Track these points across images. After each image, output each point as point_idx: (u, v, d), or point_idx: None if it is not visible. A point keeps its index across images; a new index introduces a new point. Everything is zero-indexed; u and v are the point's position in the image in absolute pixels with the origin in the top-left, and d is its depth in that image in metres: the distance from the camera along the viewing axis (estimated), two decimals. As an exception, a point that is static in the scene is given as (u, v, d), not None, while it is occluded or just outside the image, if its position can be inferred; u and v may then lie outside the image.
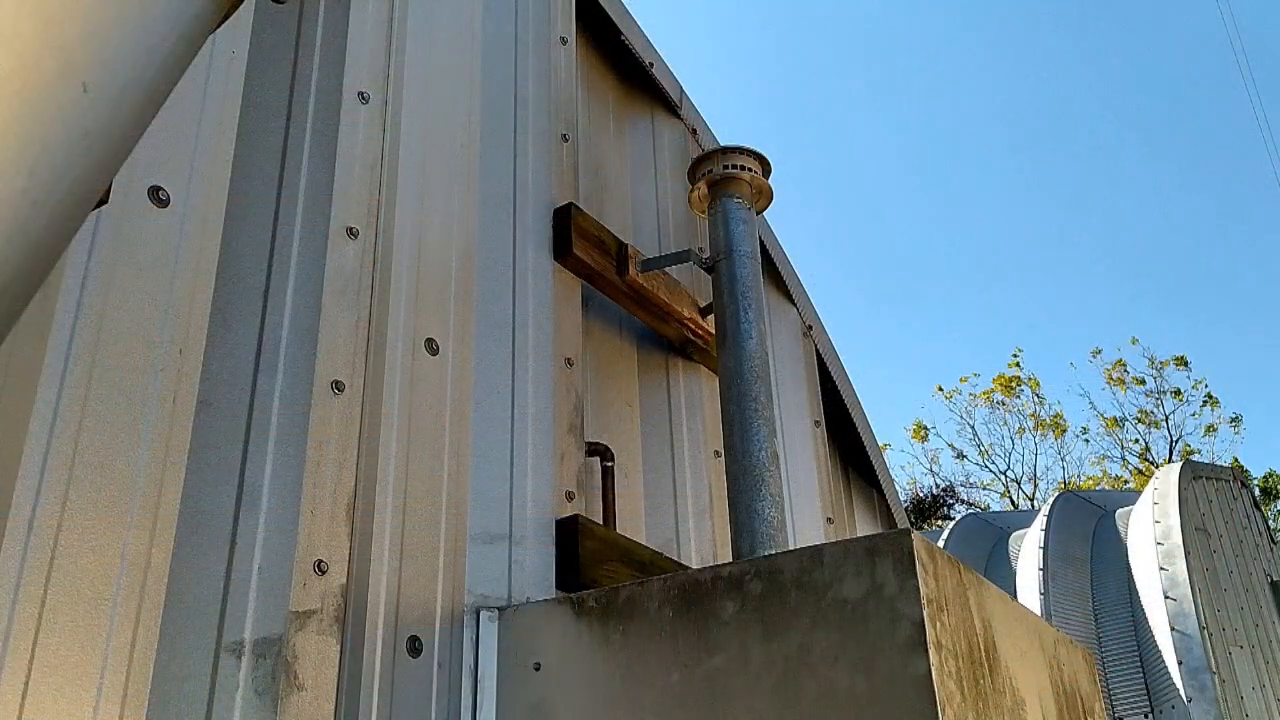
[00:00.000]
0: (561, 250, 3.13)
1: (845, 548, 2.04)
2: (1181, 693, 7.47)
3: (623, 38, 3.92)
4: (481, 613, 2.39)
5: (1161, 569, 8.17)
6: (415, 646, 2.22)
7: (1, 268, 0.94)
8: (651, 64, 4.03)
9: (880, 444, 5.18)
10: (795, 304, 4.56)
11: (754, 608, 2.08)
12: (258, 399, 2.14)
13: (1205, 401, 26.33)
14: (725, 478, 2.99)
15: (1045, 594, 8.78)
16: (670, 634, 2.16)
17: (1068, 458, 32.05)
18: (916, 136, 44.32)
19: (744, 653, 2.06)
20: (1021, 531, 10.35)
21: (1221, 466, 11.24)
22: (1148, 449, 26.45)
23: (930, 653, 1.87)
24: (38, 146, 0.95)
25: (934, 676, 1.85)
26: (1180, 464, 9.53)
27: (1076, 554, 9.36)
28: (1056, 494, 11.08)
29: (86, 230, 1.93)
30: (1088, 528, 9.94)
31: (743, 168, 3.41)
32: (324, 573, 2.09)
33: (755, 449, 2.95)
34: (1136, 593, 8.41)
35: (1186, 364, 26.64)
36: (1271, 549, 10.78)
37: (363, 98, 2.61)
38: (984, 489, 27.17)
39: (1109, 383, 27.05)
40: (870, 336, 41.79)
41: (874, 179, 46.15)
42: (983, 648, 2.08)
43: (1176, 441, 26.08)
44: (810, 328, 4.63)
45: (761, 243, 4.04)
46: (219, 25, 1.33)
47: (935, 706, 1.82)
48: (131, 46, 1.06)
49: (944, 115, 43.71)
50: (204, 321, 2.08)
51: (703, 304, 3.64)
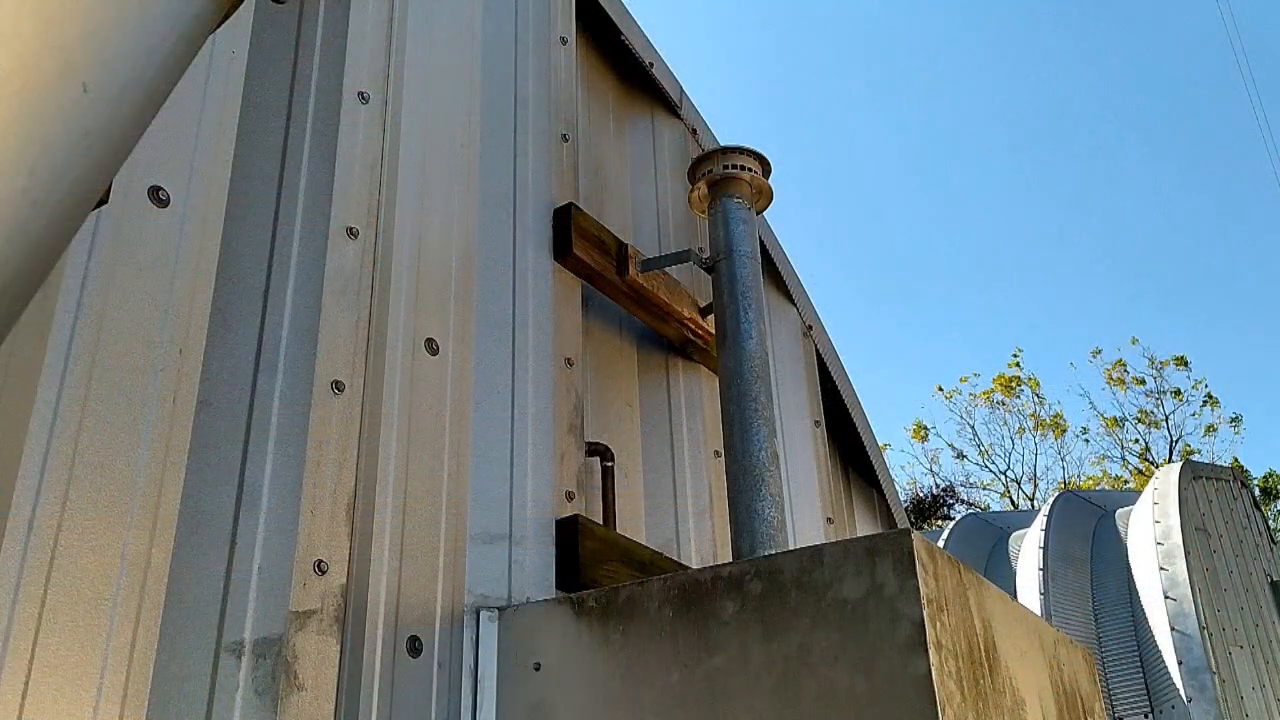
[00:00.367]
0: (561, 250, 3.13)
1: (845, 548, 2.04)
2: (1181, 693, 7.47)
3: (623, 38, 3.92)
4: (481, 613, 2.39)
5: (1161, 569, 8.17)
6: (415, 646, 2.22)
7: (1, 268, 0.94)
8: (651, 64, 4.03)
9: (880, 444, 5.18)
10: (795, 304, 4.56)
11: (754, 608, 2.08)
12: (258, 399, 2.14)
13: (1205, 401, 26.34)
14: (725, 478, 2.99)
15: (1045, 594, 8.78)
16: (670, 634, 2.16)
17: (1068, 458, 32.09)
18: (916, 136, 44.33)
19: (744, 653, 2.06)
20: (1021, 531, 10.34)
21: (1221, 466, 11.24)
22: (1148, 449, 26.46)
23: (930, 653, 1.87)
24: (38, 146, 0.95)
25: (934, 676, 1.85)
26: (1180, 464, 9.53)
27: (1076, 554, 9.36)
28: (1056, 494, 11.08)
29: (86, 230, 1.93)
30: (1088, 528, 9.94)
31: (743, 168, 3.41)
32: (324, 573, 2.09)
33: (755, 449, 2.95)
34: (1136, 593, 8.41)
35: (1186, 364, 26.65)
36: (1271, 549, 10.78)
37: (363, 98, 2.61)
38: (984, 489, 27.19)
39: (1109, 383, 27.07)
40: (870, 336, 41.81)
41: (874, 179, 46.16)
42: (983, 648, 2.08)
43: (1176, 441, 26.10)
44: (810, 328, 4.63)
45: (761, 243, 4.04)
46: (219, 25, 1.33)
47: (935, 706, 1.82)
48: (131, 46, 1.06)
49: (944, 115, 43.71)
50: (204, 321, 2.08)
51: (703, 304, 3.64)
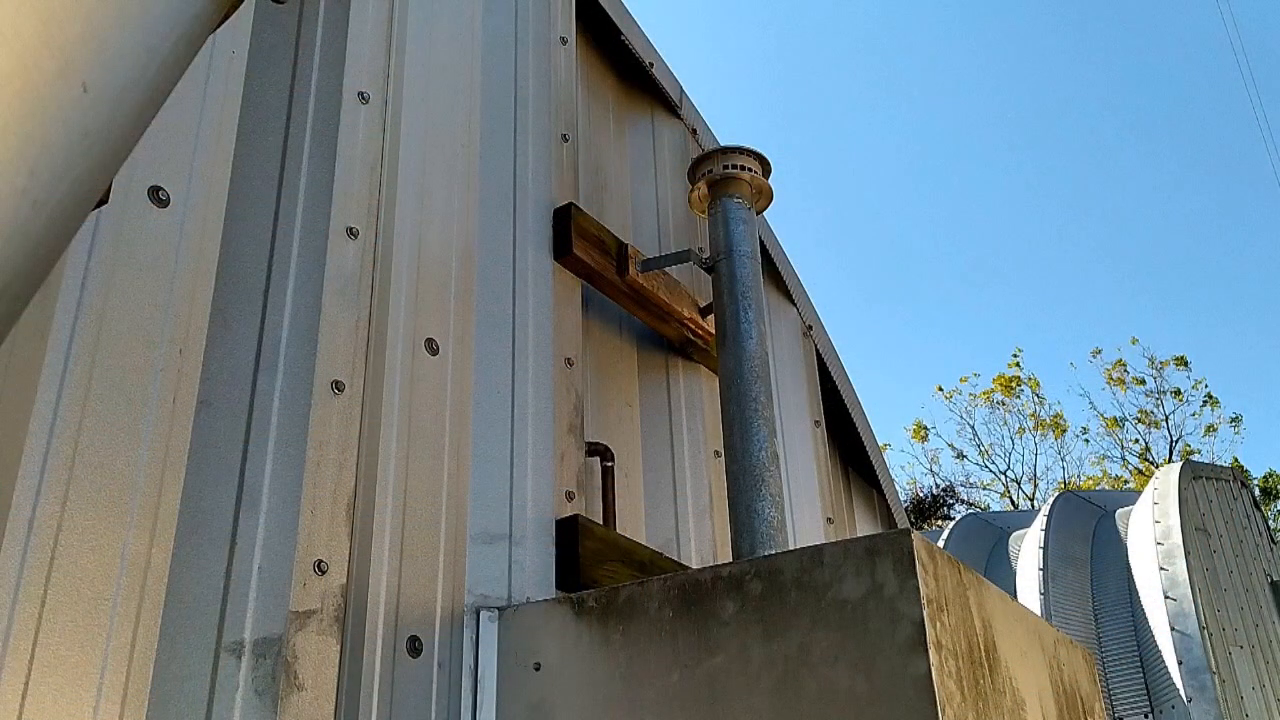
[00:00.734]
0: (561, 250, 3.13)
1: (845, 548, 2.04)
2: (1181, 693, 7.47)
3: (623, 38, 3.92)
4: (481, 613, 2.39)
5: (1161, 569, 8.17)
6: (415, 646, 2.22)
7: (1, 268, 0.94)
8: (651, 64, 4.03)
9: (880, 444, 5.18)
10: (795, 304, 4.56)
11: (754, 608, 2.08)
12: (258, 399, 2.14)
13: (1205, 401, 26.35)
14: (725, 478, 2.99)
15: (1045, 594, 8.78)
16: (670, 634, 2.16)
17: (1068, 458, 32.09)
18: (916, 136, 44.33)
19: (744, 653, 2.06)
20: (1021, 531, 10.34)
21: (1221, 466, 11.23)
22: (1148, 449, 26.46)
23: (930, 653, 1.87)
24: (38, 146, 0.95)
25: (934, 676, 1.85)
26: (1180, 464, 9.53)
27: (1076, 554, 9.36)
28: (1056, 494, 11.08)
29: (86, 230, 1.92)
30: (1088, 528, 9.94)
31: (743, 168, 3.41)
32: (324, 573, 2.09)
33: (755, 449, 2.95)
34: (1136, 593, 8.41)
35: (1186, 364, 26.65)
36: (1271, 549, 10.78)
37: (363, 98, 2.61)
38: (984, 489, 27.19)
39: (1109, 383, 27.07)
40: (870, 336, 41.81)
41: (874, 179, 46.16)
42: (983, 648, 2.08)
43: (1176, 441, 26.10)
44: (810, 328, 4.63)
45: (761, 243, 4.04)
46: (219, 25, 1.33)
47: (935, 706, 1.82)
48: (131, 46, 1.06)
49: (944, 115, 43.71)
50: (204, 321, 2.08)
51: (703, 304, 3.64)
